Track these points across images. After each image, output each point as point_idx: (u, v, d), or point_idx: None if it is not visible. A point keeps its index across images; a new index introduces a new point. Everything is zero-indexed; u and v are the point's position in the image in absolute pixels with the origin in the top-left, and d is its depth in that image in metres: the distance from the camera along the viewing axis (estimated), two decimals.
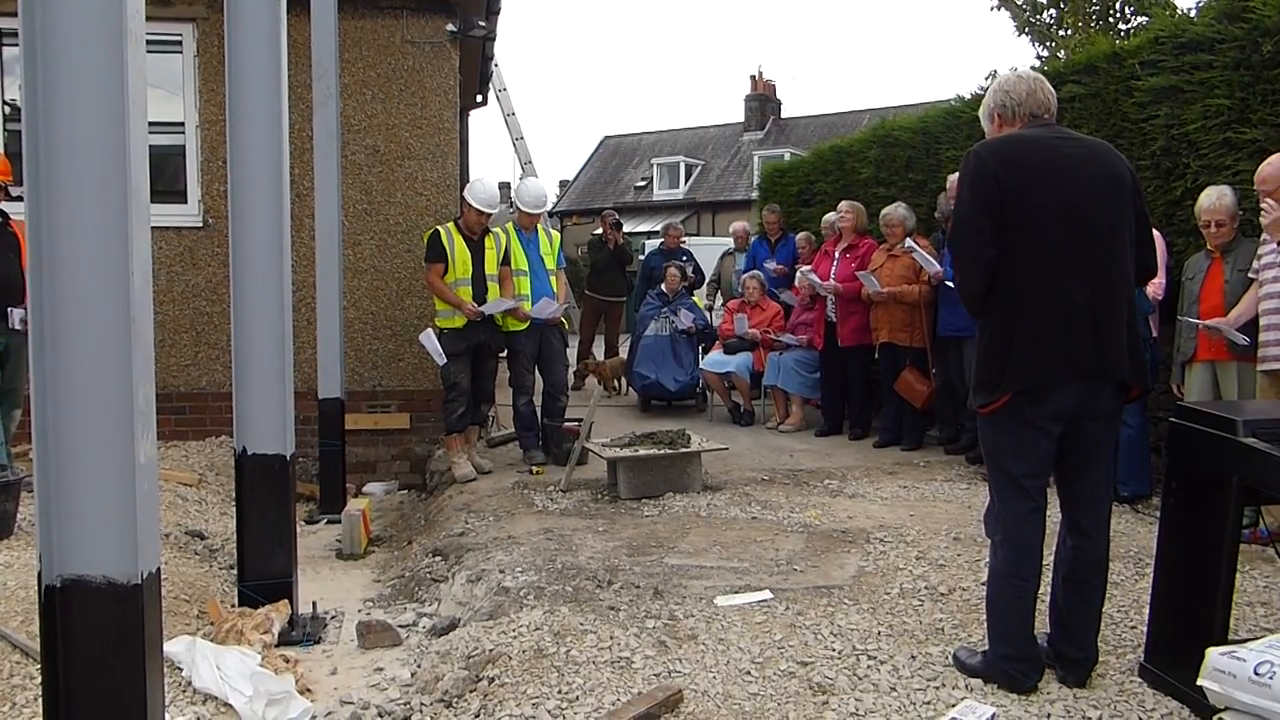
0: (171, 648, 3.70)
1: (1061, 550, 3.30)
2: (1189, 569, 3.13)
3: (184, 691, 3.57)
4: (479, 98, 11.74)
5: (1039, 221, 3.03)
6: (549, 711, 3.11)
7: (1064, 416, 3.09)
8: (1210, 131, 5.63)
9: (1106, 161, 3.14)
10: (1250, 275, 4.93)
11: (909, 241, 7.17)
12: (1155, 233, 5.53)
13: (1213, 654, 2.63)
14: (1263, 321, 4.76)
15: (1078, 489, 3.24)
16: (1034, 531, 3.17)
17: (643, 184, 36.19)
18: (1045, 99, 3.23)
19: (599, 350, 11.52)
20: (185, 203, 7.68)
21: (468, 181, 6.93)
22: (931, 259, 6.88)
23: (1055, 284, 3.03)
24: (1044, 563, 3.26)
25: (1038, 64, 9.56)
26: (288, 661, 3.82)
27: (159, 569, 2.40)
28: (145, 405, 2.29)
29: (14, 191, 5.62)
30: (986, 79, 8.49)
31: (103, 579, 2.25)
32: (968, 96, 8.27)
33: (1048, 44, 15.71)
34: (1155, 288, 5.53)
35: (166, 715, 2.84)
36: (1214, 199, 5.04)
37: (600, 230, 11.36)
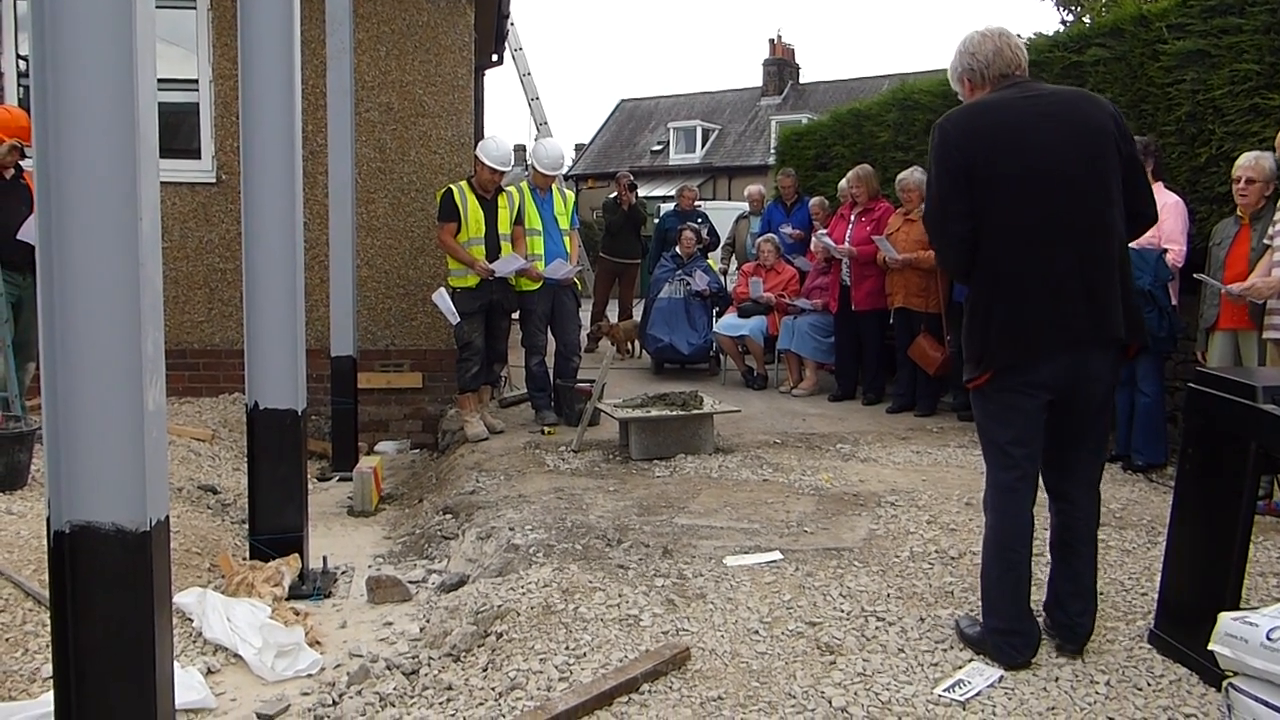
0: (182, 599, 3.73)
1: (1051, 518, 3.26)
2: (1203, 535, 3.10)
3: (194, 642, 3.60)
4: (494, 57, 11.62)
5: (1009, 189, 2.95)
6: (556, 667, 3.12)
7: (1055, 387, 3.01)
8: (1237, 97, 5.52)
9: (1081, 111, 3.01)
10: (1266, 242, 4.86)
11: None
12: (1174, 197, 5.49)
13: (1225, 619, 2.61)
14: None
15: (1068, 457, 3.17)
16: (1022, 501, 3.09)
17: (659, 148, 35.92)
18: (1013, 56, 3.10)
19: (613, 312, 11.49)
20: (199, 158, 7.65)
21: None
22: None
23: (1035, 252, 2.95)
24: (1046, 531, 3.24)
25: (1062, 28, 9.38)
26: (298, 614, 3.85)
27: (167, 517, 2.40)
28: (154, 352, 2.28)
29: (30, 152, 5.61)
30: None
31: (111, 526, 2.25)
32: None
33: (1072, 7, 15.42)
34: (1175, 255, 5.46)
35: (176, 664, 2.86)
36: (1253, 158, 4.97)
37: (615, 193, 11.29)
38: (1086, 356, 3.00)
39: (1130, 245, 3.18)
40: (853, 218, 7.89)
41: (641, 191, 15.53)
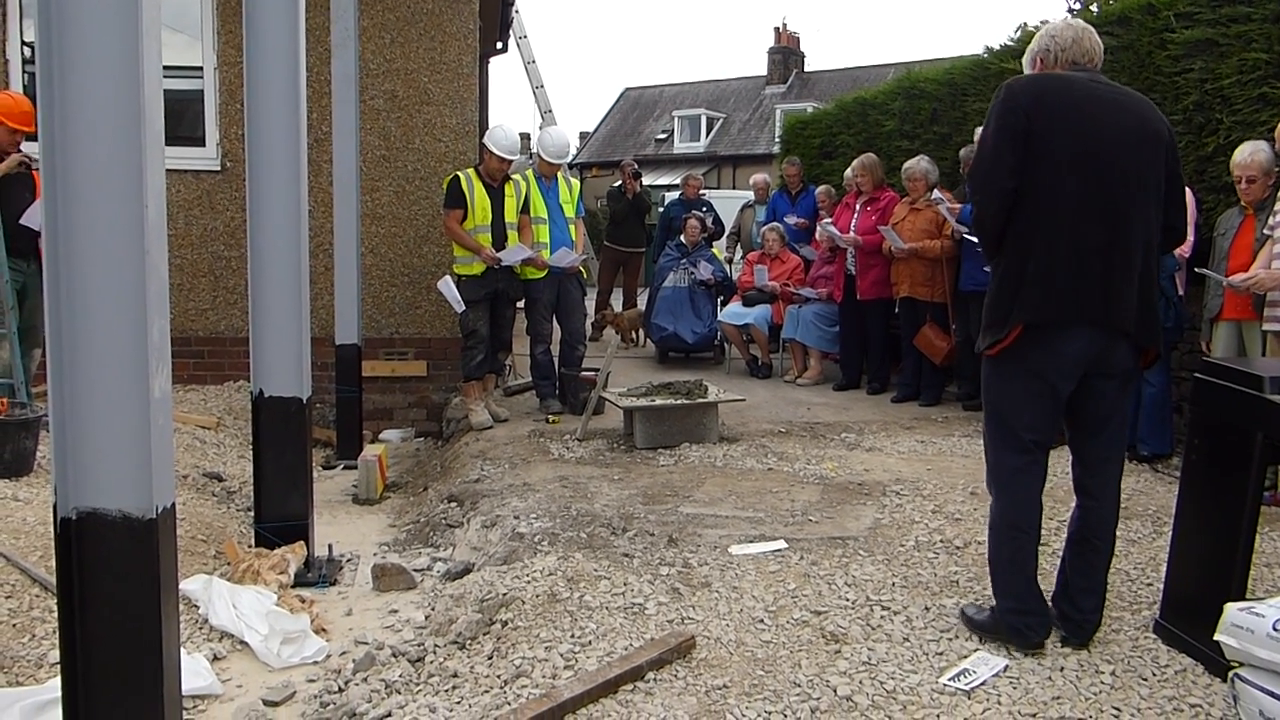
0: (188, 586, 3.74)
1: (1074, 510, 3.28)
2: (1209, 525, 3.10)
3: (200, 629, 3.62)
4: (499, 45, 11.60)
5: (1061, 161, 3.00)
6: (561, 655, 3.13)
7: (1075, 370, 3.04)
8: (1246, 86, 5.50)
9: (1142, 114, 3.09)
10: (1267, 233, 4.84)
11: (936, 193, 7.08)
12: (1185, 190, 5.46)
13: (1231, 609, 2.62)
14: None
15: (1088, 450, 3.20)
16: (1030, 483, 3.13)
17: (663, 136, 35.87)
18: (1090, 48, 3.19)
19: (617, 301, 11.48)
20: (204, 146, 7.64)
21: (487, 129, 6.86)
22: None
23: (1070, 224, 3.00)
24: (1053, 520, 3.23)
25: (1068, 16, 9.35)
26: (303, 601, 3.86)
27: (174, 504, 2.41)
28: (160, 339, 2.28)
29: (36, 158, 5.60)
30: (1015, 31, 8.31)
31: (118, 513, 2.26)
32: (996, 48, 8.11)
33: None
34: (1182, 245, 5.43)
35: (183, 651, 2.86)
36: (1248, 154, 4.93)
37: (620, 181, 11.26)
38: (1101, 341, 3.02)
39: None
40: (858, 207, 7.87)
41: (646, 180, 15.44)
